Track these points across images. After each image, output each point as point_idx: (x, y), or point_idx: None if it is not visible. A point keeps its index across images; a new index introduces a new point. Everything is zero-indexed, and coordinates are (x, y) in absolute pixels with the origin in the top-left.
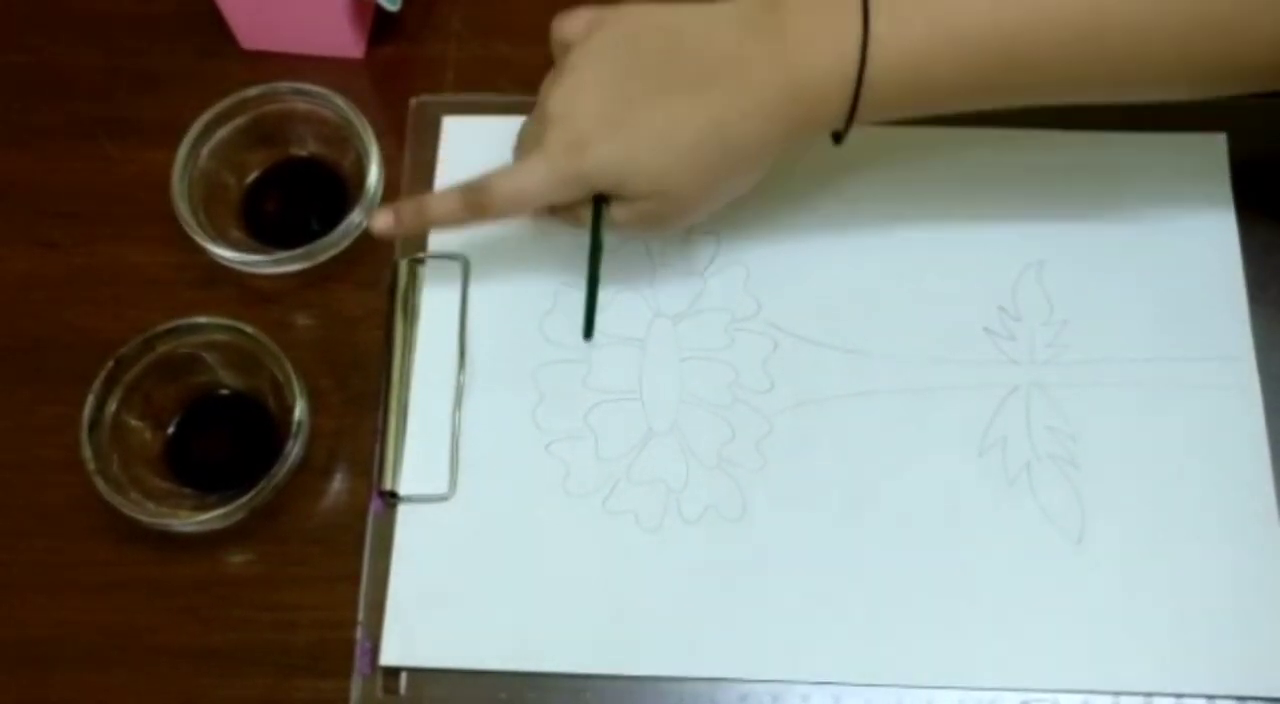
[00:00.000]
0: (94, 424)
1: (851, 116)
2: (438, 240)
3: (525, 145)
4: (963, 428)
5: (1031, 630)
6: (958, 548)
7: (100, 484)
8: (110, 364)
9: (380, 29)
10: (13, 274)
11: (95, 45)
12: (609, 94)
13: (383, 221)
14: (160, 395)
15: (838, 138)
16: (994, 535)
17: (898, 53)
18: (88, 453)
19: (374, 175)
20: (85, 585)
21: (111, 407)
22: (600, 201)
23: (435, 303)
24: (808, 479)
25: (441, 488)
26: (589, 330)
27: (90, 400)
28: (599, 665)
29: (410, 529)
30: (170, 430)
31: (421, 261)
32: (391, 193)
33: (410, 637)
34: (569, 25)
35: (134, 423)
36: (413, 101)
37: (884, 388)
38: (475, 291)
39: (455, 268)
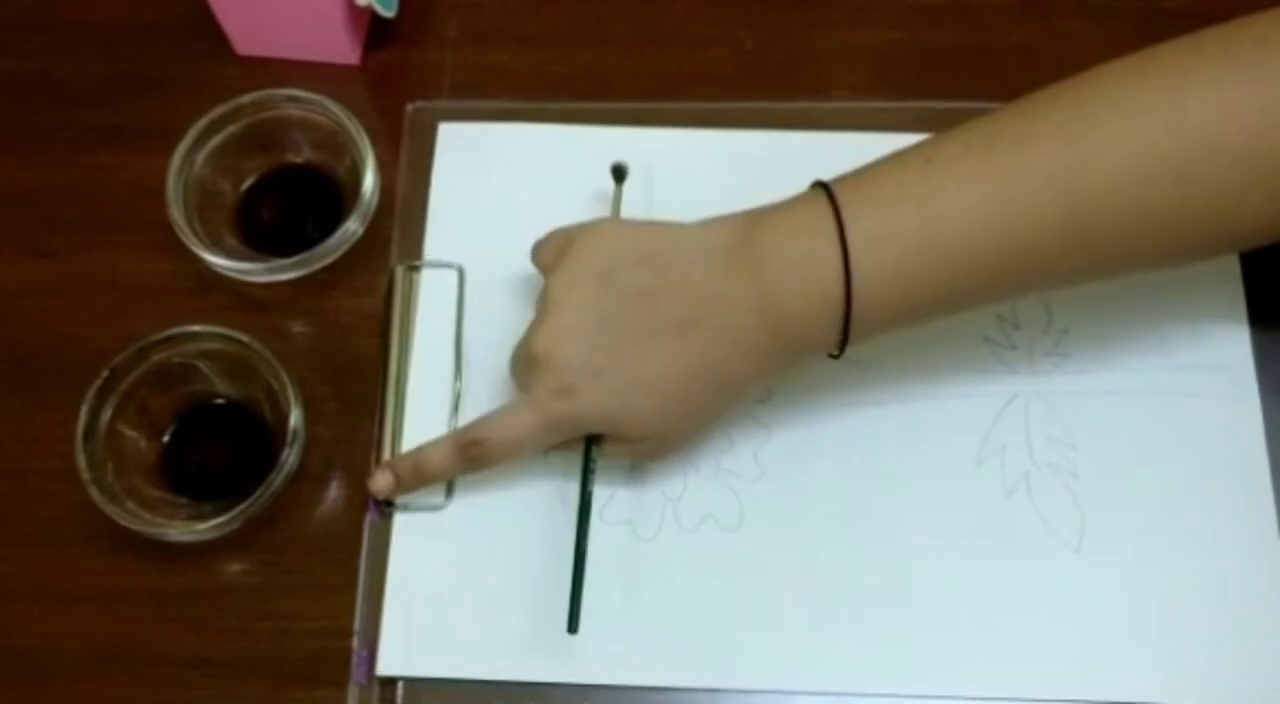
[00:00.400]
0: (89, 433)
1: (843, 346)
2: (434, 248)
3: (518, 375)
4: (961, 437)
5: (1029, 640)
6: (956, 557)
7: (95, 494)
8: (105, 373)
9: (376, 35)
10: (7, 282)
11: (90, 51)
12: (592, 341)
13: (382, 483)
14: (155, 404)
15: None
16: (992, 545)
17: (883, 283)
18: (82, 462)
19: (370, 182)
20: (80, 595)
21: (106, 416)
22: (590, 449)
23: (431, 311)
24: (806, 489)
25: (438, 497)
26: (574, 623)
27: (85, 409)
28: (596, 676)
29: (406, 538)
30: (165, 439)
31: (418, 269)
32: (387, 199)
33: (407, 646)
34: (543, 254)
35: (129, 432)
36: (409, 108)
37: (883, 397)
38: (472, 299)
39: (451, 276)
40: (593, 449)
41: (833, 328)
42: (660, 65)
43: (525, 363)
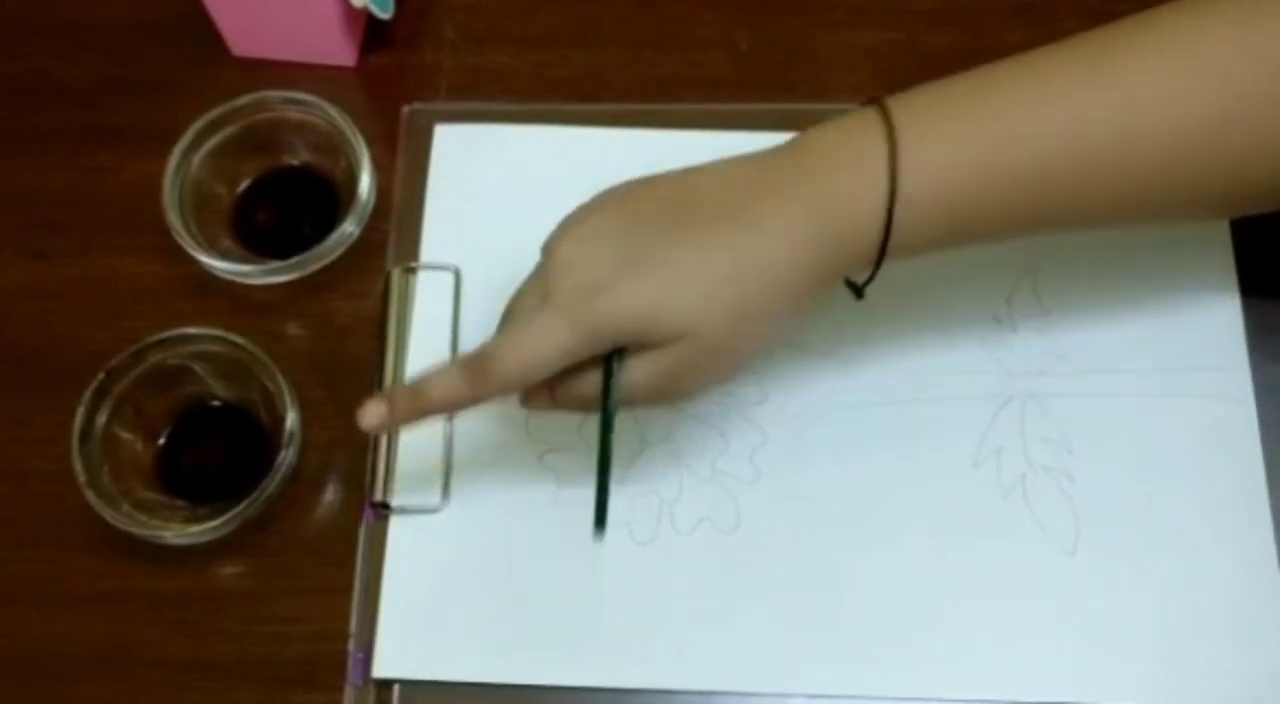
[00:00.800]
0: (85, 436)
1: (884, 250)
2: (430, 250)
3: (524, 306)
4: (957, 439)
5: (1025, 642)
6: (952, 560)
7: (91, 496)
8: (101, 375)
9: (373, 37)
10: (4, 283)
11: (87, 53)
12: (625, 239)
13: (373, 414)
14: (151, 407)
15: (859, 292)
16: (988, 547)
17: (929, 187)
18: (78, 465)
19: (366, 184)
20: (76, 597)
21: (102, 418)
22: (612, 361)
23: (428, 313)
24: (802, 490)
25: (434, 499)
26: (601, 522)
27: (81, 412)
28: (592, 678)
29: (403, 541)
30: (161, 442)
31: (414, 271)
32: (384, 201)
33: (403, 649)
34: None
35: (125, 434)
36: (405, 109)
37: (879, 399)
38: (468, 302)
39: (448, 278)
40: (615, 360)
41: (876, 225)
42: (657, 67)
43: (539, 279)
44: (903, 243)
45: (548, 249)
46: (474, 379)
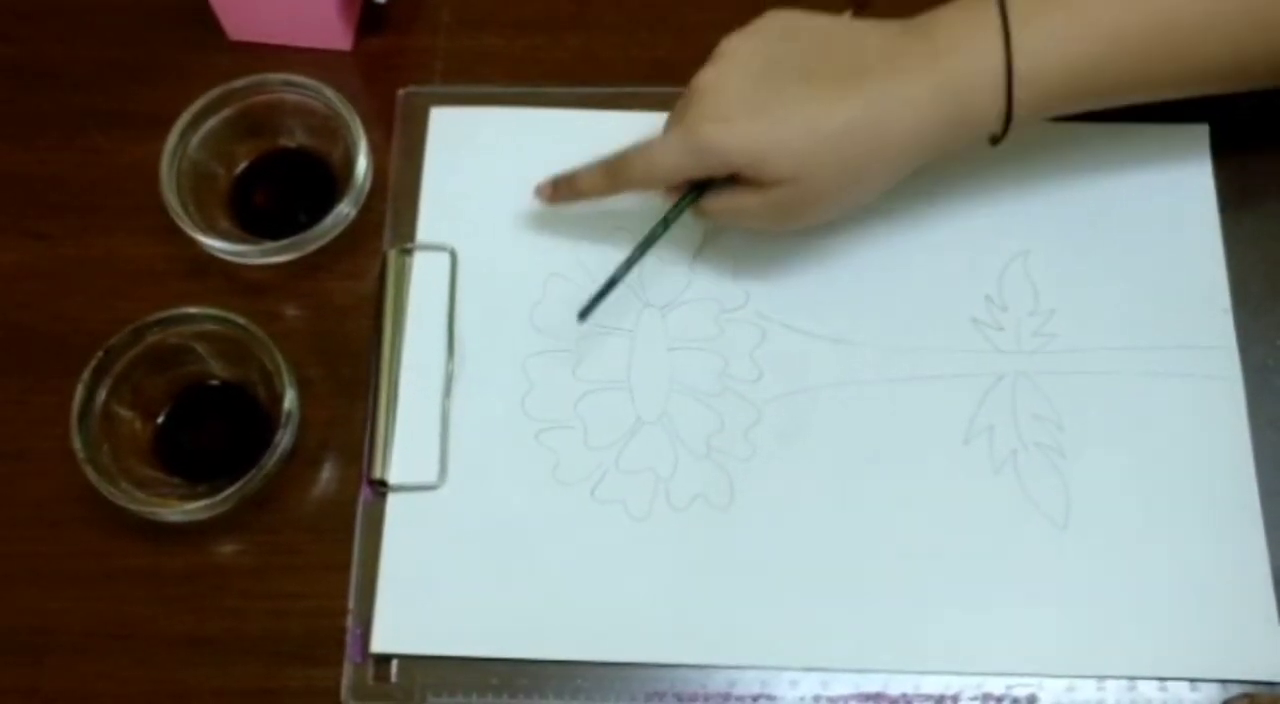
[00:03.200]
0: (84, 414)
1: (1009, 117)
2: (426, 231)
3: (666, 123)
4: (950, 416)
5: (1017, 616)
6: (944, 535)
7: (91, 474)
8: (100, 354)
9: (368, 20)
10: (2, 265)
11: (83, 36)
12: (759, 80)
13: (541, 192)
14: (150, 385)
15: (995, 140)
16: (980, 523)
17: (1044, 52)
18: (78, 443)
19: (362, 166)
20: (76, 575)
21: (101, 397)
22: (698, 190)
23: (424, 293)
24: (796, 468)
25: (431, 477)
26: (588, 312)
27: (80, 390)
28: (590, 652)
29: (400, 518)
30: (160, 420)
31: (410, 252)
32: (380, 183)
33: (401, 624)
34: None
35: (124, 413)
36: (401, 93)
37: (871, 377)
38: (464, 282)
39: (444, 259)
40: (689, 199)
41: (997, 91)
42: (651, 50)
43: (681, 102)
44: (1027, 104)
45: (694, 79)
46: (610, 177)
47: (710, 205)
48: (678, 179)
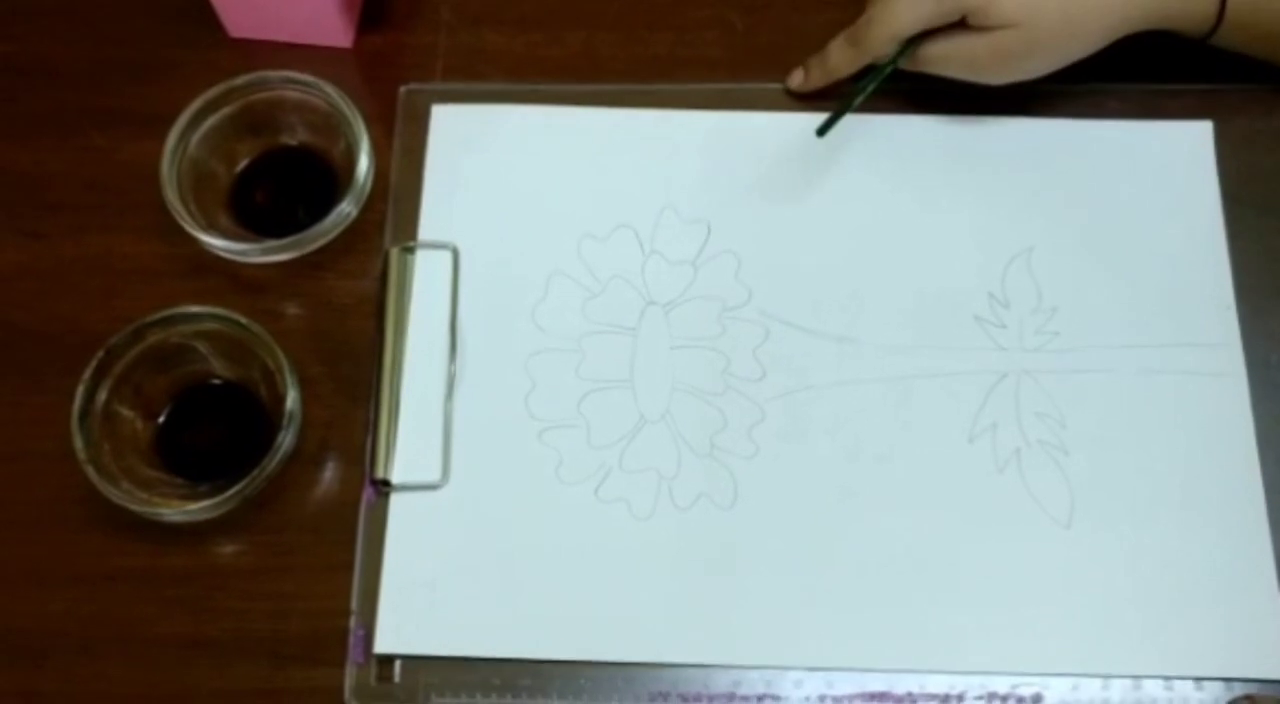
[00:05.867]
0: (85, 414)
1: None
2: (428, 229)
3: None
4: (953, 415)
5: (1021, 615)
6: (948, 534)
7: (92, 474)
8: (101, 354)
9: (369, 18)
10: (1, 265)
11: (83, 34)
12: None
13: (796, 77)
14: (151, 385)
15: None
16: (984, 521)
17: None
18: (79, 443)
19: (364, 164)
20: (77, 576)
21: (102, 397)
22: (895, 60)
23: (426, 292)
24: (799, 466)
25: (434, 477)
26: (827, 128)
27: (81, 390)
28: (593, 652)
29: (403, 518)
30: (161, 420)
31: (412, 250)
32: (381, 181)
33: (404, 625)
34: None
35: (125, 413)
36: (402, 90)
37: (875, 375)
38: (466, 280)
39: (446, 257)
40: (906, 51)
41: None
42: (652, 47)
43: None
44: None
45: None
46: (855, 45)
47: (930, 51)
48: (918, 28)
